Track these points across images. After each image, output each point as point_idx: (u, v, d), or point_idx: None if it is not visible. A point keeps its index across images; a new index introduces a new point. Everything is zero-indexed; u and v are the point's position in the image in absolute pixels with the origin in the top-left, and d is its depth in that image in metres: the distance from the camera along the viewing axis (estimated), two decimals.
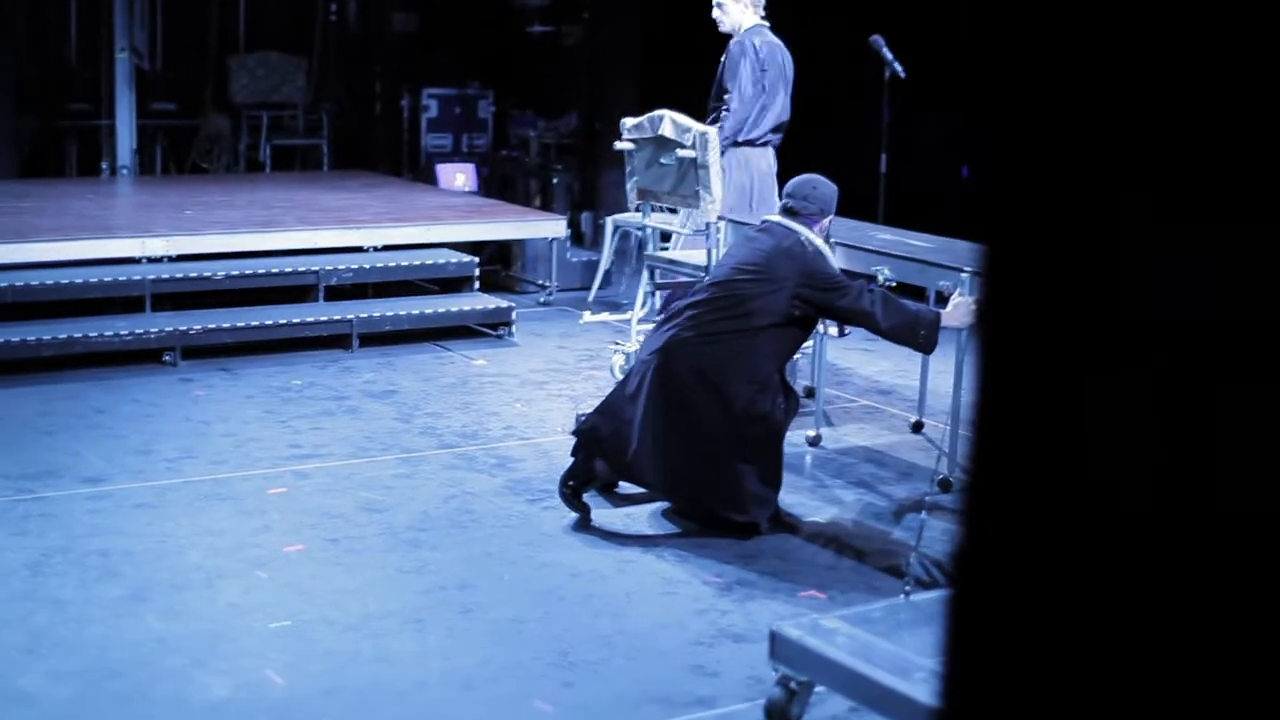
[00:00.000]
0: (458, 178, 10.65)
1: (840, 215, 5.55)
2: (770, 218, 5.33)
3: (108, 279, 7.51)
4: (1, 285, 7.17)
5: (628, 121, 7.00)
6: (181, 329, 7.29)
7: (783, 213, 5.27)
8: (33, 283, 7.26)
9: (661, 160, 6.82)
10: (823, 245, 5.19)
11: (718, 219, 6.53)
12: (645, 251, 7.21)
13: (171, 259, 7.76)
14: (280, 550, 4.80)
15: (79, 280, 7.40)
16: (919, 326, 5.04)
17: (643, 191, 7.05)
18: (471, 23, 11.82)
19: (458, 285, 8.46)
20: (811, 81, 7.47)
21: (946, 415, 5.59)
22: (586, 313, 8.34)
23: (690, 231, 7.01)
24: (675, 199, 6.87)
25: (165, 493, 5.35)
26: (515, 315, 8.15)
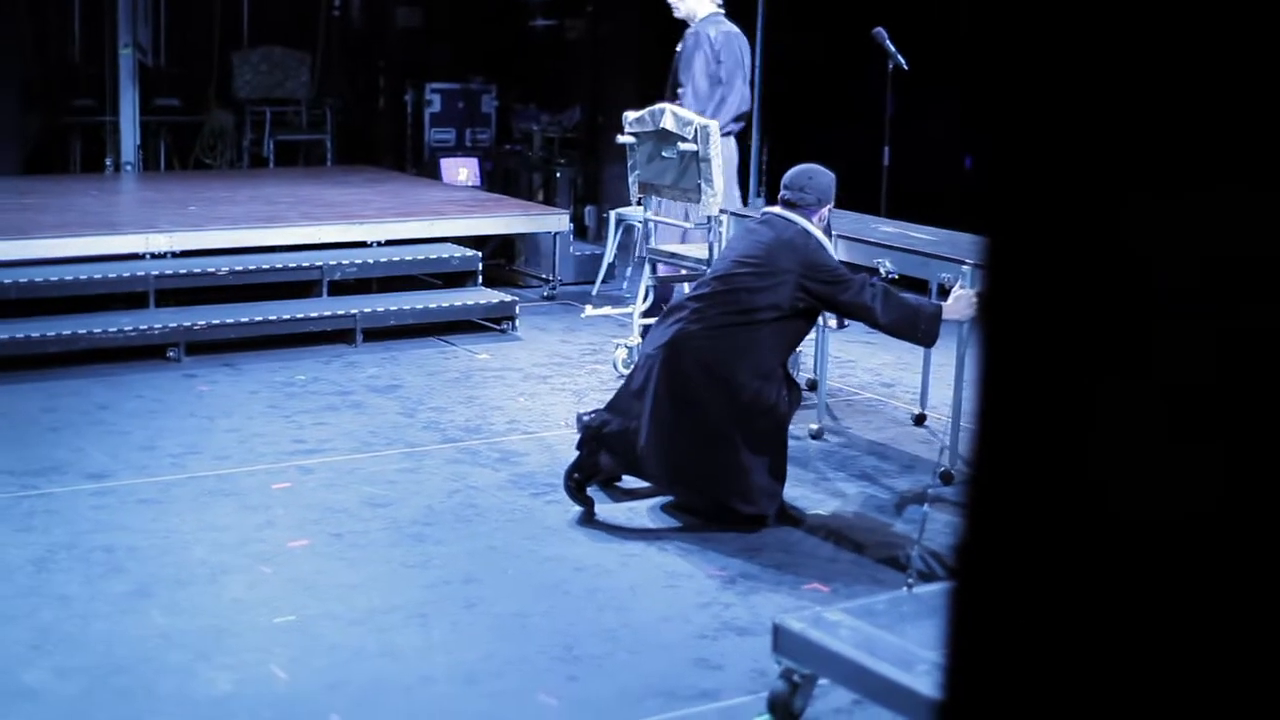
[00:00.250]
0: (461, 172, 10.64)
1: (842, 208, 5.54)
2: (770, 209, 5.32)
3: (112, 275, 7.51)
4: (6, 282, 7.18)
5: (630, 115, 7.00)
6: (185, 325, 7.29)
7: (781, 204, 5.25)
8: (37, 279, 7.27)
9: (663, 154, 6.81)
10: (823, 237, 5.18)
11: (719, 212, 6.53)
12: (647, 245, 7.22)
13: (175, 255, 7.76)
14: (284, 545, 4.81)
15: (83, 276, 7.41)
16: (919, 321, 5.03)
17: (644, 185, 7.05)
18: (474, 17, 11.82)
19: (461, 280, 8.45)
20: (813, 74, 7.45)
21: (948, 408, 5.60)
22: (589, 307, 8.34)
23: (694, 226, 7.00)
24: (676, 192, 6.87)
25: (169, 488, 5.36)
26: (519, 309, 8.16)
